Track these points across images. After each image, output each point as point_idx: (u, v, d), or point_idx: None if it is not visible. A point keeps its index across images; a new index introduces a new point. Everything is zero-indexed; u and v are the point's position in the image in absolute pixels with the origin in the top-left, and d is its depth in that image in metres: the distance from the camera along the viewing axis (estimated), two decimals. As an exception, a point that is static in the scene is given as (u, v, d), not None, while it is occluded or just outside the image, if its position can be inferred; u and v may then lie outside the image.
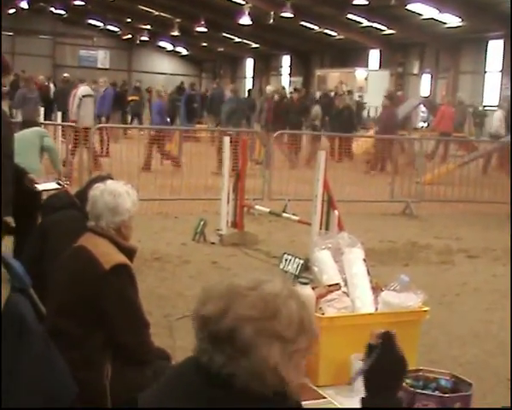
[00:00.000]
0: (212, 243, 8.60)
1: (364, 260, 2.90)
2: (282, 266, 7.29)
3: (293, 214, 8.94)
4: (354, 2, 24.53)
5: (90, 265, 3.12)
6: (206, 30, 35.08)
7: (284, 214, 9.12)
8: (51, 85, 23.45)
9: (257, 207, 9.44)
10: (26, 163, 6.35)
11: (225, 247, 8.48)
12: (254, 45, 39.91)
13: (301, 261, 7.00)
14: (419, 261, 8.39)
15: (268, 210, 9.12)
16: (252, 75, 43.93)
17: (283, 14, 27.52)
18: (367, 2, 24.32)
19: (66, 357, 2.85)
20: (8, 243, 6.09)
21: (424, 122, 25.09)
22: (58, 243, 3.82)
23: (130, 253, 3.33)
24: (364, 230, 9.62)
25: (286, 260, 7.30)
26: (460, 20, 25.15)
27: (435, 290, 6.96)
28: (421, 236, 9.81)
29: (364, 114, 26.23)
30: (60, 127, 13.41)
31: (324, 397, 2.54)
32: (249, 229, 9.05)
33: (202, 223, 8.73)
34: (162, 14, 37.55)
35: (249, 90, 22.81)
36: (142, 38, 44.42)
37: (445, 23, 26.29)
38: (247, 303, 1.59)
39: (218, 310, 1.58)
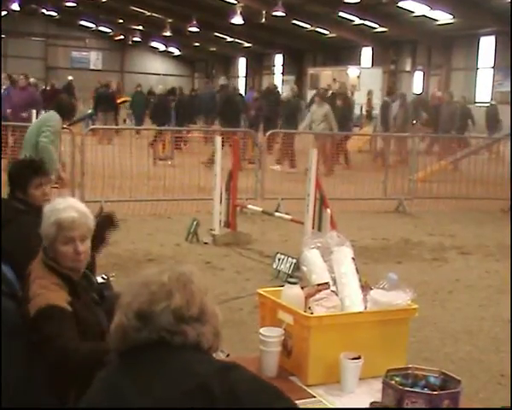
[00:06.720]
0: (206, 244, 8.59)
1: (353, 258, 2.90)
2: (275, 266, 7.32)
3: (286, 213, 8.96)
4: (346, 1, 24.51)
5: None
6: (198, 30, 35.06)
7: (277, 214, 9.14)
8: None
9: (250, 206, 9.44)
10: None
11: (218, 247, 8.48)
12: (247, 44, 39.91)
13: (294, 260, 7.02)
14: (412, 259, 8.41)
15: (261, 209, 9.12)
16: (244, 74, 43.92)
17: (275, 13, 27.51)
18: (358, 0, 24.32)
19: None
20: None
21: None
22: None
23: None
24: (357, 228, 9.66)
25: (279, 259, 7.32)
26: (451, 17, 25.21)
27: (428, 287, 7.00)
28: (413, 233, 9.83)
29: (357, 111, 26.20)
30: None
31: (314, 396, 2.54)
32: (242, 229, 9.05)
33: (195, 223, 8.73)
34: (154, 14, 37.51)
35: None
36: (135, 39, 44.38)
37: (436, 20, 26.35)
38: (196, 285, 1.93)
39: (185, 299, 1.88)
